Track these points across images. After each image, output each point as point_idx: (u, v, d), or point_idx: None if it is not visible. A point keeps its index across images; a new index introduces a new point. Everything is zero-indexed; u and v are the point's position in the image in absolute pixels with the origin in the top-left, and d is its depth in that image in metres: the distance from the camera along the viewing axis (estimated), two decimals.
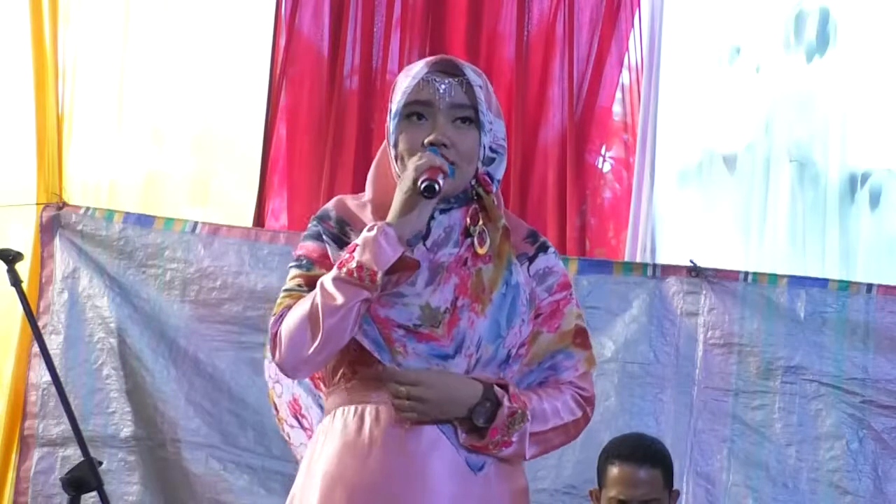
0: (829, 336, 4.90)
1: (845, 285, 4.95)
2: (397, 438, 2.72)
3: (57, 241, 5.29)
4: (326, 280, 2.68)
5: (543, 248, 2.87)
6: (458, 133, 2.77)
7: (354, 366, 2.76)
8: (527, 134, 5.32)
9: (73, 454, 5.02)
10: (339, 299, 2.65)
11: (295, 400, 2.98)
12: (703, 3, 5.38)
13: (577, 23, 5.35)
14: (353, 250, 2.68)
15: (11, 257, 4.49)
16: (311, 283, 2.74)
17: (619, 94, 5.37)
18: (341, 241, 2.77)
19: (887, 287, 4.93)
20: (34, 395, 5.24)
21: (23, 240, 5.23)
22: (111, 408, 5.18)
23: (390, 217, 2.70)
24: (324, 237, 2.79)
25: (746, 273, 5.00)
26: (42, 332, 4.80)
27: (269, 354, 2.86)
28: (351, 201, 2.86)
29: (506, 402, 2.72)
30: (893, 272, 5.09)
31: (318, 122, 5.41)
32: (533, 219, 5.21)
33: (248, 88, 5.46)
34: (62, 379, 4.59)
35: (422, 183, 2.68)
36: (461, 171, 2.77)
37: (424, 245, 2.77)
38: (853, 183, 5.21)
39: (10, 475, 5.25)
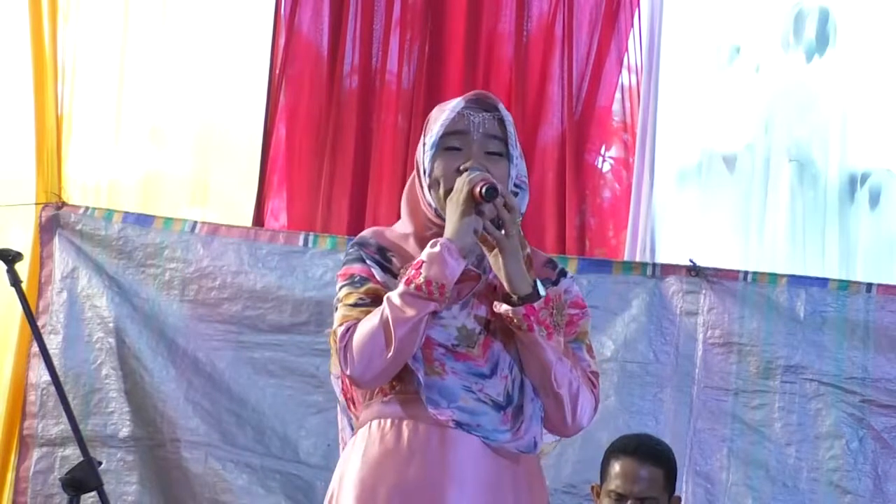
0: (829, 335, 4.90)
1: (845, 285, 4.95)
2: (437, 448, 2.83)
3: (56, 240, 5.29)
4: (394, 296, 2.81)
5: (563, 274, 3.03)
6: (491, 163, 2.90)
7: (393, 381, 2.87)
8: (526, 134, 5.31)
9: (73, 454, 5.02)
10: (410, 312, 2.78)
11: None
12: (703, 3, 5.38)
13: (576, 22, 5.35)
14: (419, 266, 2.80)
15: (11, 257, 4.48)
16: (373, 297, 2.86)
17: (618, 94, 5.37)
18: (384, 267, 2.90)
19: (887, 286, 4.93)
20: (33, 395, 5.23)
21: (22, 240, 5.23)
22: (110, 407, 5.17)
23: (449, 233, 2.82)
24: (367, 261, 2.91)
25: (746, 272, 5.00)
26: (41, 331, 4.79)
27: (334, 370, 2.99)
28: (388, 233, 2.98)
29: (552, 289, 2.90)
30: (893, 272, 5.09)
31: (318, 121, 5.41)
32: (533, 219, 5.20)
33: (247, 88, 5.46)
34: (61, 379, 4.58)
35: (482, 187, 2.80)
36: None
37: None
38: (853, 182, 5.21)
39: (10, 475, 5.24)
